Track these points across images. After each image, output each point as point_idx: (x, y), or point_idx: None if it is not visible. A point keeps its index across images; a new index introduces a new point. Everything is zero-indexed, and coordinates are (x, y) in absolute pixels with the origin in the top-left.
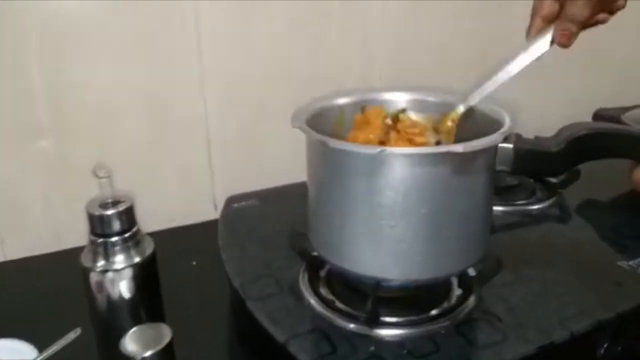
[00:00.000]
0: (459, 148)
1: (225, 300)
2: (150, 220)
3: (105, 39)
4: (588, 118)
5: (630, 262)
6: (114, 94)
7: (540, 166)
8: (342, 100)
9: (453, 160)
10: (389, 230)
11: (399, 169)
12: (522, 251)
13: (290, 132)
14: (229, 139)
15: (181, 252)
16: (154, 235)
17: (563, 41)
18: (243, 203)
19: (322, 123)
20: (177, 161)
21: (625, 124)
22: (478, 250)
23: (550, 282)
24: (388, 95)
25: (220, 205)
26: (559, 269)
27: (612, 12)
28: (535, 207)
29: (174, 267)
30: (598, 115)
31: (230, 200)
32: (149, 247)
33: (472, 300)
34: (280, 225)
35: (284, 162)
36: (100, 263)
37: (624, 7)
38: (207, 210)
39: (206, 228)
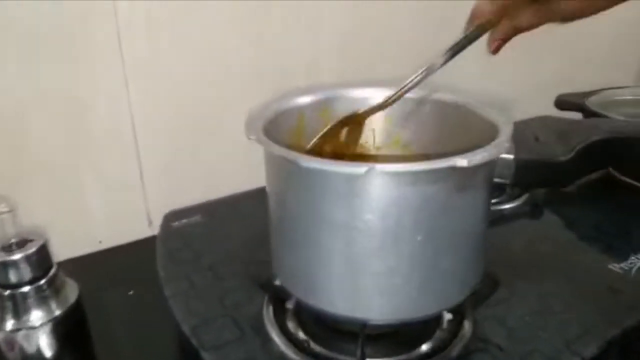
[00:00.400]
0: (463, 162)
1: (172, 340)
2: (71, 245)
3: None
4: (547, 104)
5: (622, 265)
6: (20, 95)
7: (545, 177)
8: (302, 100)
9: (453, 176)
10: (377, 262)
11: (390, 189)
12: (510, 262)
13: (236, 132)
14: (161, 143)
15: (113, 279)
16: (77, 261)
17: (494, 50)
18: (184, 220)
19: (278, 129)
20: (101, 172)
21: (591, 109)
22: (478, 273)
23: (546, 297)
24: (357, 92)
25: (156, 220)
26: (551, 280)
27: (564, 21)
28: (507, 206)
29: (106, 300)
30: (561, 101)
31: (169, 218)
32: (72, 293)
33: (467, 327)
34: (232, 246)
35: (230, 167)
36: (10, 322)
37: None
38: (139, 227)
39: (140, 248)
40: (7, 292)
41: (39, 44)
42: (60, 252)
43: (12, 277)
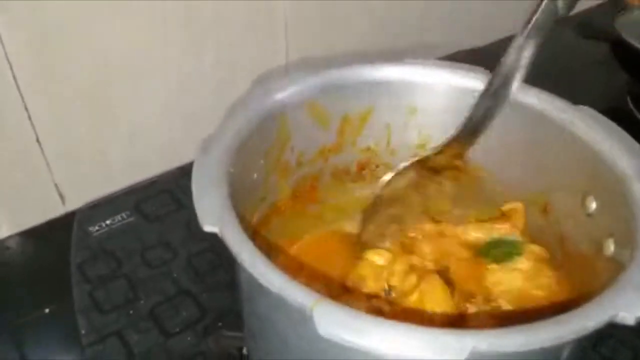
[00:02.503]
0: (630, 319)
1: None
2: None
3: None
4: None
5: None
6: None
7: None
8: (278, 97)
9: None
10: None
11: None
12: None
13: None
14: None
15: (21, 282)
16: None
17: None
18: (107, 222)
19: (252, 152)
20: None
21: (621, 35)
22: None
23: None
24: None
25: (71, 197)
26: None
27: None
28: None
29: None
30: (584, 25)
31: (86, 218)
32: None
33: None
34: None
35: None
36: None
37: None
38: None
39: (54, 234)
40: None
41: None
42: None
43: None
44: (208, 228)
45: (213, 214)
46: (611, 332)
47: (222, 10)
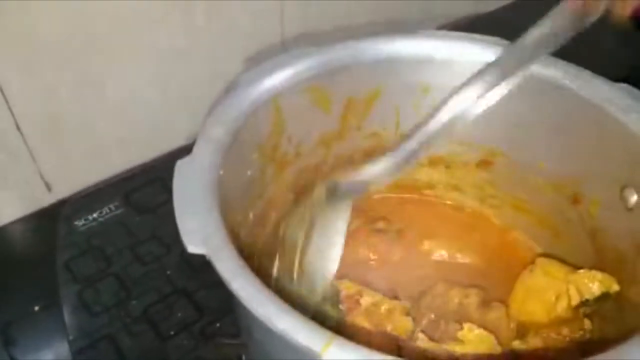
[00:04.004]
0: None
1: None
2: None
3: None
4: None
5: None
6: None
7: None
8: (272, 82)
9: None
10: None
11: None
12: None
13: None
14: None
15: (8, 278)
16: None
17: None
18: (94, 215)
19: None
20: None
21: None
22: None
23: None
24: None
25: (58, 184)
26: None
27: None
28: None
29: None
30: None
31: (73, 211)
32: None
33: None
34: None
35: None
36: None
37: None
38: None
39: (42, 225)
40: None
41: None
42: None
43: None
44: (193, 250)
45: (200, 232)
46: None
47: None
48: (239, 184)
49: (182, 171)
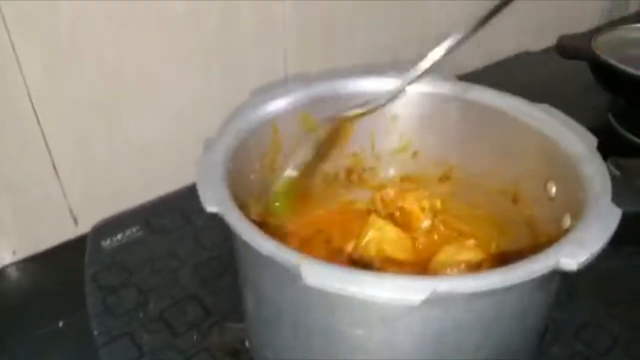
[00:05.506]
0: (572, 264)
1: None
2: None
3: None
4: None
5: None
6: None
7: None
8: (271, 107)
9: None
10: None
11: (452, 311)
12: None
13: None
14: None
15: (37, 299)
16: None
17: None
18: (119, 236)
19: (247, 155)
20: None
21: (601, 59)
22: None
23: None
24: (349, 85)
25: (83, 218)
26: None
27: None
28: None
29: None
30: (564, 46)
31: (97, 234)
32: None
33: None
34: (184, 278)
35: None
36: None
37: None
38: (63, 227)
39: (67, 255)
40: None
41: None
42: None
43: None
44: (210, 208)
45: (214, 197)
46: (589, 319)
47: (227, 28)
48: (243, 183)
49: (203, 156)
